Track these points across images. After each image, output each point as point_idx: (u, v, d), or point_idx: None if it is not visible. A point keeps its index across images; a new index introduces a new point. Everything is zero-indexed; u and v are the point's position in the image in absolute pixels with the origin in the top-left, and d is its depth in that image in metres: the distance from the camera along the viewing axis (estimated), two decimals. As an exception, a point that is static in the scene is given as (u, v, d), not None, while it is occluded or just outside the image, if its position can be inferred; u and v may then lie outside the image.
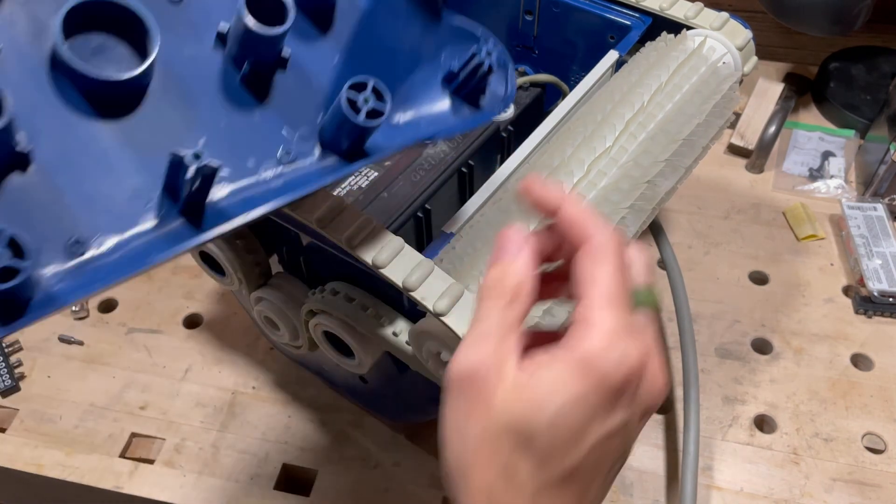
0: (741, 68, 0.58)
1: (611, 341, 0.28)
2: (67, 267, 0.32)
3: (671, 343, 0.68)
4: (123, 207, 0.33)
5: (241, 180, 0.36)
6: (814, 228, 0.76)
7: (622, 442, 0.29)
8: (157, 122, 0.34)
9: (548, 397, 0.27)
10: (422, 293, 0.41)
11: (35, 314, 0.30)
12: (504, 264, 0.31)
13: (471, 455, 0.28)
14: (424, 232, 0.56)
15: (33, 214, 0.31)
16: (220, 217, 0.34)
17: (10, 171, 0.31)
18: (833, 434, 0.62)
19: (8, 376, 0.68)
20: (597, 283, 0.29)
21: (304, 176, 0.37)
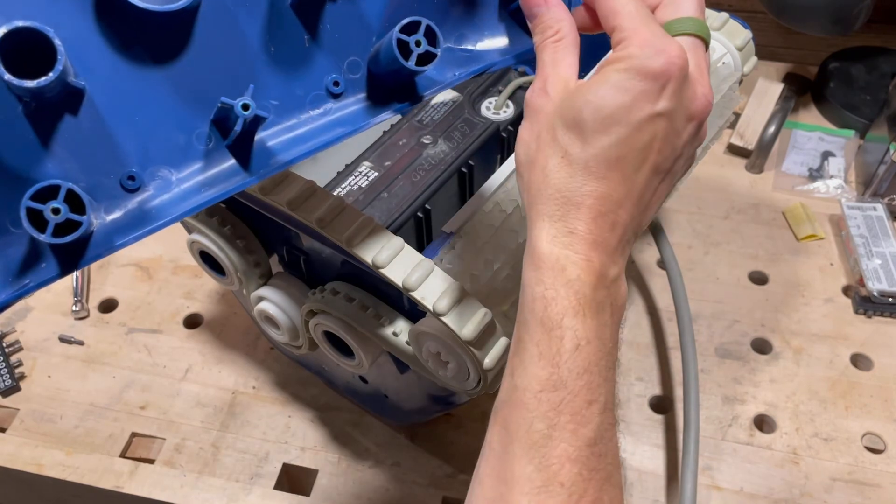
0: (741, 68, 0.58)
1: (648, 42, 0.32)
2: (123, 204, 0.33)
3: (671, 343, 0.68)
4: (173, 140, 0.33)
5: (290, 117, 0.35)
6: (813, 228, 0.76)
7: (668, 132, 0.32)
8: (207, 61, 0.34)
9: (594, 91, 0.32)
10: (422, 293, 0.41)
11: (93, 255, 0.32)
12: (541, 17, 0.35)
13: (535, 144, 0.33)
14: (424, 232, 0.56)
15: (87, 152, 0.32)
16: (269, 156, 0.35)
17: (63, 112, 0.31)
18: (833, 434, 0.62)
19: (8, 376, 0.68)
20: (620, 9, 0.33)
21: (353, 113, 0.37)
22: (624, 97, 0.31)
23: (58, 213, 0.29)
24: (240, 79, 0.35)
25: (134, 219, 0.33)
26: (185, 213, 0.33)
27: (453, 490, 0.60)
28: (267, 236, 0.54)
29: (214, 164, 0.34)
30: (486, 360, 0.42)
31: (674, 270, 0.65)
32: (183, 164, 0.34)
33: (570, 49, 0.35)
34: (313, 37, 0.36)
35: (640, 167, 0.32)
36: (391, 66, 0.35)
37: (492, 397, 0.67)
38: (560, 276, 0.32)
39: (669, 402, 0.65)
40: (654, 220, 0.67)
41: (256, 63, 0.35)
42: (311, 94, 0.36)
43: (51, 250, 0.31)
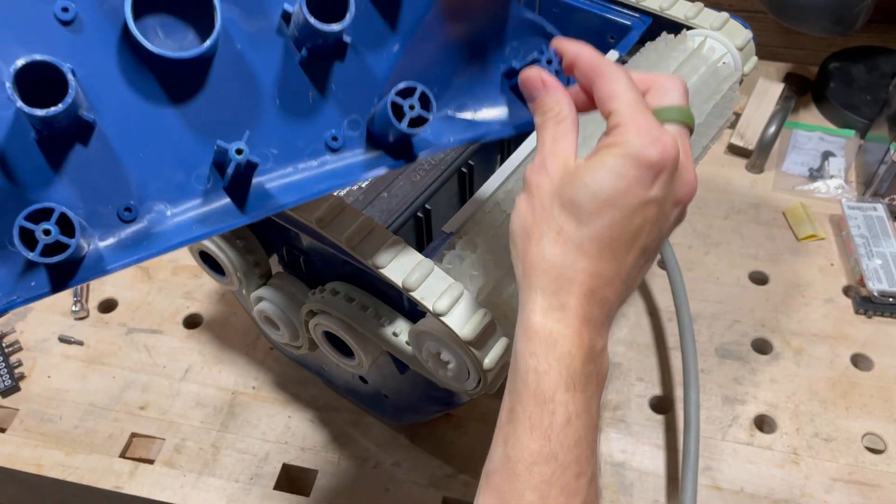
0: (741, 68, 0.58)
1: (644, 130, 0.33)
2: (117, 233, 0.34)
3: (671, 343, 0.68)
4: (174, 181, 0.35)
5: (288, 165, 0.37)
6: (814, 228, 0.76)
7: (657, 217, 0.34)
8: (216, 105, 0.36)
9: (591, 174, 0.33)
10: (422, 293, 0.41)
11: (82, 277, 0.33)
12: (542, 99, 0.37)
13: (531, 218, 0.35)
14: (424, 232, 0.56)
15: (91, 181, 0.34)
16: (264, 199, 0.36)
17: (74, 142, 0.33)
18: (833, 434, 0.62)
19: (8, 376, 0.68)
20: (618, 95, 0.34)
21: (349, 166, 0.38)
22: (620, 182, 0.33)
23: (48, 234, 0.31)
24: (244, 125, 0.36)
25: (125, 247, 0.34)
26: (174, 247, 0.35)
27: (453, 490, 0.60)
28: (267, 236, 0.54)
29: (210, 203, 0.36)
30: (486, 360, 0.42)
31: (674, 270, 0.65)
32: (179, 200, 0.35)
33: (570, 129, 0.36)
34: (319, 93, 0.38)
35: (630, 248, 0.34)
36: (386, 127, 0.37)
37: (492, 398, 0.67)
38: (552, 351, 0.33)
39: (670, 403, 0.65)
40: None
41: (262, 112, 0.37)
42: (310, 147, 0.38)
43: (44, 269, 0.33)
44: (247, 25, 0.36)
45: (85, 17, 0.33)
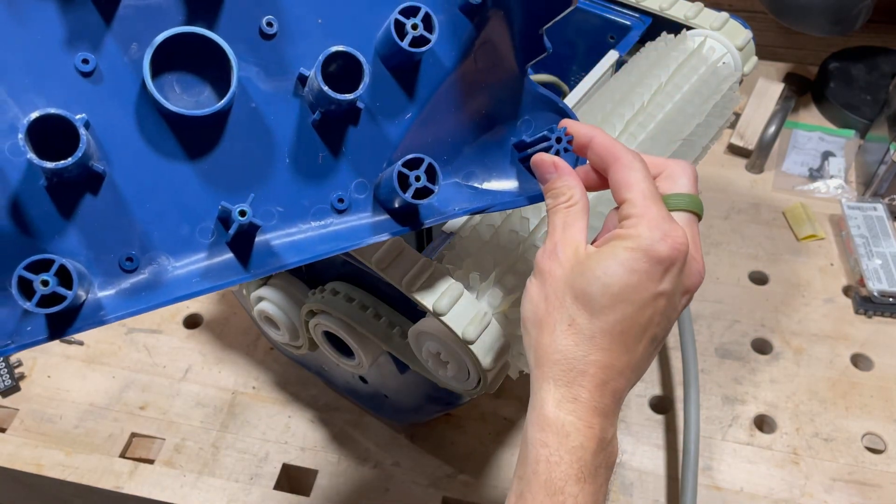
0: (741, 68, 0.58)
1: (656, 224, 0.34)
2: (117, 282, 0.35)
3: (671, 343, 0.68)
4: (178, 234, 0.35)
5: (293, 224, 0.37)
6: (814, 228, 0.76)
7: (667, 308, 0.35)
8: (226, 162, 0.36)
9: (603, 266, 0.34)
10: (422, 293, 0.41)
11: (79, 327, 0.33)
12: (553, 182, 0.38)
13: (543, 306, 0.35)
14: (424, 232, 0.56)
15: (96, 230, 0.34)
16: (268, 257, 0.36)
17: (83, 191, 0.34)
18: (833, 434, 0.62)
19: (8, 376, 0.68)
20: (633, 185, 0.35)
21: (353, 229, 0.38)
22: (631, 277, 0.33)
23: (46, 285, 0.31)
24: (253, 182, 0.37)
25: (124, 297, 0.35)
26: (174, 300, 0.35)
27: (453, 490, 0.60)
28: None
29: (214, 257, 0.36)
30: (486, 360, 0.42)
31: (674, 270, 0.65)
32: (183, 253, 0.36)
33: (581, 214, 0.37)
34: (331, 154, 0.38)
35: (640, 339, 0.34)
36: (391, 194, 0.37)
37: (492, 398, 0.67)
38: (564, 442, 0.34)
39: (670, 403, 0.65)
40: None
41: (273, 169, 0.37)
42: (315, 207, 0.38)
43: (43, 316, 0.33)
44: (263, 85, 0.36)
45: (105, 70, 0.34)
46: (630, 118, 0.51)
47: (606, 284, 0.33)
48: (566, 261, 0.35)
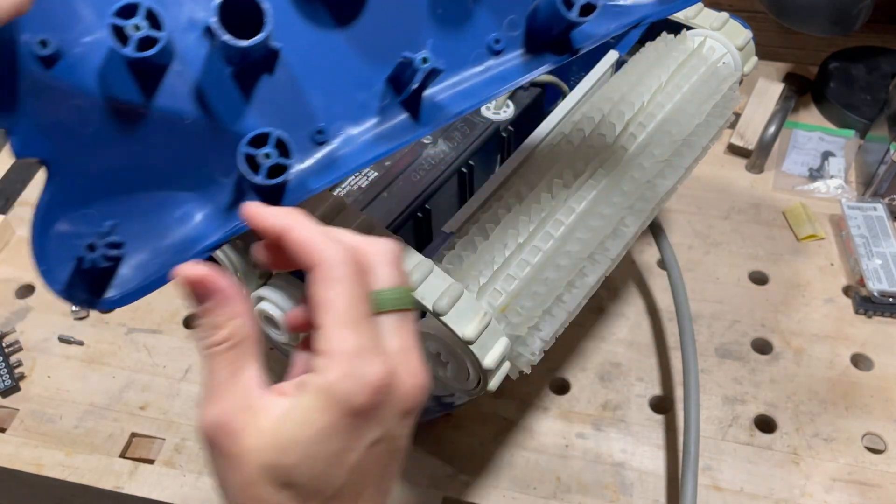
0: (741, 68, 0.58)
1: (350, 367, 0.28)
2: (314, 156, 0.36)
3: (671, 343, 0.68)
4: (354, 98, 0.36)
5: (455, 74, 0.38)
6: (814, 228, 0.76)
7: (386, 448, 0.30)
8: (381, 22, 0.37)
9: (296, 435, 0.28)
10: (422, 293, 0.41)
11: (291, 199, 0.35)
12: (205, 318, 0.30)
13: (240, 501, 0.29)
14: (424, 232, 0.56)
15: (282, 109, 0.35)
16: (437, 110, 0.37)
17: (262, 72, 0.35)
18: (833, 434, 0.62)
19: (8, 376, 0.68)
20: (329, 309, 0.29)
21: (512, 68, 0.38)
22: (334, 444, 0.28)
23: (269, 157, 0.32)
24: (410, 38, 0.37)
25: (322, 167, 0.36)
26: (367, 162, 0.36)
27: (453, 490, 0.60)
28: (267, 236, 0.53)
29: (388, 120, 0.37)
30: (486, 360, 0.42)
31: (674, 270, 0.65)
32: (362, 119, 0.36)
33: (251, 351, 0.30)
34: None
35: (363, 492, 0.30)
36: (552, 20, 0.36)
37: (492, 398, 0.67)
38: None
39: (670, 403, 0.65)
40: (655, 220, 0.67)
41: (424, 23, 0.37)
42: (473, 52, 0.38)
43: (255, 194, 0.34)
44: None
45: None
46: (630, 118, 0.51)
47: (310, 465, 0.28)
48: (249, 436, 0.28)
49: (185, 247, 0.35)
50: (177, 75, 0.33)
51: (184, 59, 0.33)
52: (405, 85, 0.36)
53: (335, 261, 0.29)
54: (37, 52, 0.31)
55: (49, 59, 0.32)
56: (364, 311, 0.29)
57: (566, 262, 0.46)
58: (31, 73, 0.32)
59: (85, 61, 0.32)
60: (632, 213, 0.49)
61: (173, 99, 0.33)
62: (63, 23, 0.32)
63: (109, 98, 0.33)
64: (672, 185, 0.52)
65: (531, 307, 0.44)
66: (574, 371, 0.67)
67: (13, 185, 0.83)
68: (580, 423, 0.63)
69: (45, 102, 0.32)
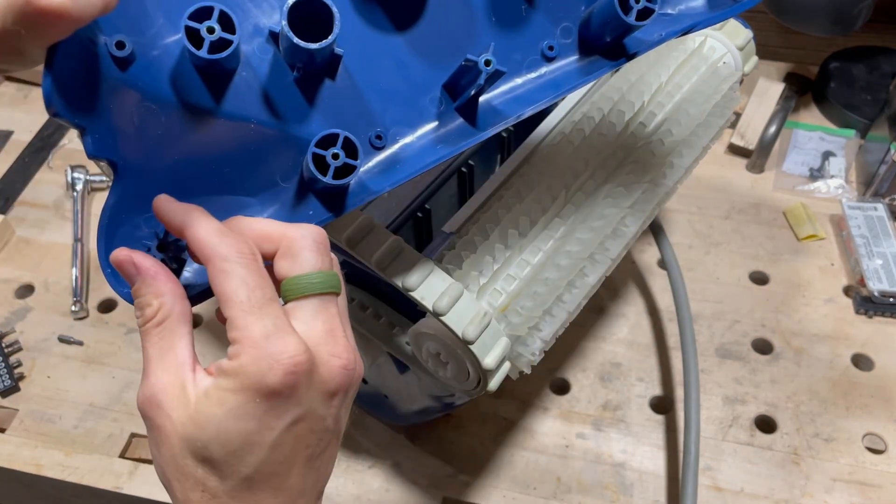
0: (741, 68, 0.57)
1: (258, 350, 0.29)
2: (373, 160, 0.36)
3: (671, 343, 0.68)
4: (412, 104, 0.37)
5: (511, 80, 0.38)
6: (814, 228, 0.76)
7: (309, 427, 0.31)
8: (438, 28, 0.37)
9: (213, 412, 0.29)
10: (422, 293, 0.41)
11: (354, 202, 0.36)
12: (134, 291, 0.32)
13: (168, 473, 0.30)
14: (424, 232, 0.56)
15: (342, 114, 0.36)
16: (493, 115, 0.38)
17: (324, 77, 0.36)
18: (833, 434, 0.62)
19: (7, 376, 0.68)
20: (230, 299, 0.30)
21: (565, 74, 0.39)
22: (249, 424, 0.29)
23: (337, 157, 0.33)
24: (468, 43, 0.38)
25: (383, 170, 0.36)
26: (426, 166, 0.37)
27: (453, 490, 0.60)
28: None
29: (445, 125, 0.37)
30: (486, 360, 0.42)
31: (674, 270, 0.65)
32: (419, 124, 0.37)
33: (178, 329, 0.31)
34: (530, 4, 0.38)
35: (290, 470, 0.31)
36: (606, 25, 0.37)
37: (492, 398, 0.67)
38: None
39: (670, 403, 0.65)
40: (655, 220, 0.67)
41: (480, 30, 0.38)
42: (528, 59, 0.39)
43: (314, 199, 0.35)
44: None
45: None
46: (630, 118, 0.51)
47: (225, 442, 0.29)
48: (173, 410, 0.29)
49: None
50: (243, 80, 0.34)
51: (250, 65, 0.34)
52: (464, 89, 0.36)
53: (226, 254, 0.30)
54: (113, 53, 0.32)
55: (124, 61, 0.32)
56: (266, 297, 0.30)
57: (566, 262, 0.46)
58: (108, 74, 0.32)
59: (158, 64, 0.33)
60: (632, 213, 0.49)
61: (240, 103, 0.34)
62: (138, 25, 0.32)
63: (180, 101, 0.33)
64: (672, 184, 0.52)
65: (531, 307, 0.44)
66: (574, 371, 0.67)
67: (13, 186, 0.83)
68: (580, 424, 0.63)
69: (119, 103, 0.33)
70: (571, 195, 0.48)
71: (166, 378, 0.30)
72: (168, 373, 0.31)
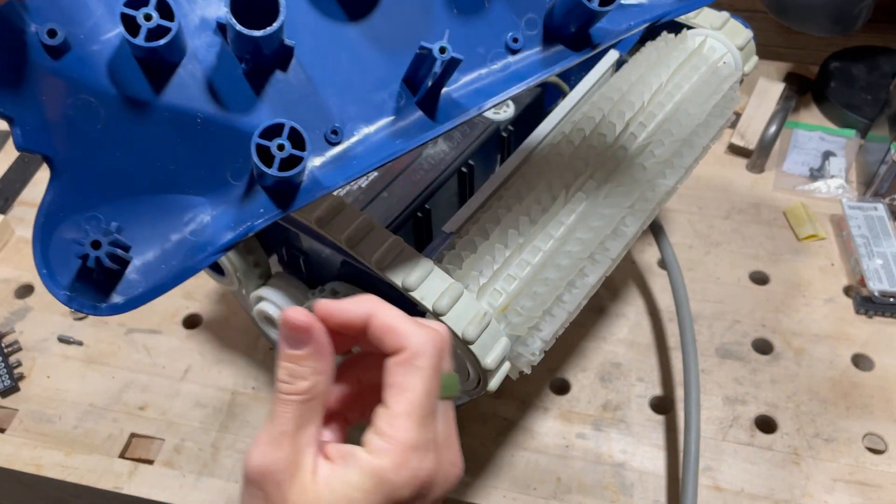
0: (741, 68, 0.57)
1: (405, 459, 0.29)
2: (327, 155, 0.35)
3: (671, 343, 0.68)
4: (369, 99, 0.36)
5: (472, 72, 0.37)
6: (814, 228, 0.76)
7: None
8: (395, 19, 0.36)
9: None
10: (422, 293, 0.41)
11: (305, 198, 0.34)
12: (294, 364, 0.31)
13: None
14: (424, 232, 0.56)
15: (295, 108, 0.35)
16: (454, 108, 0.36)
17: (275, 69, 0.34)
18: (834, 434, 0.62)
19: (7, 376, 0.68)
20: (403, 394, 0.29)
21: (530, 65, 0.38)
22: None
23: (282, 149, 0.32)
24: (427, 32, 0.37)
25: (337, 166, 0.35)
26: (383, 160, 0.35)
27: (453, 490, 0.60)
28: (266, 236, 0.53)
29: (404, 119, 0.36)
30: (487, 360, 0.42)
31: (674, 270, 0.65)
32: (377, 118, 0.36)
33: (319, 410, 0.31)
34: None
35: None
36: (571, 14, 0.36)
37: (492, 398, 0.67)
38: None
39: (670, 403, 0.65)
40: (655, 220, 0.67)
41: (440, 21, 0.37)
42: (492, 52, 0.38)
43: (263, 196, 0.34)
44: None
45: None
46: (630, 118, 0.51)
47: None
48: (291, 492, 0.29)
49: (193, 251, 0.35)
50: (188, 73, 0.33)
51: (196, 58, 0.33)
52: (422, 80, 0.35)
53: (423, 349, 0.30)
54: (45, 41, 0.31)
55: (57, 50, 0.31)
56: (433, 406, 0.30)
57: (566, 262, 0.46)
58: (39, 63, 0.31)
59: (95, 55, 0.32)
60: (632, 213, 0.49)
61: (184, 97, 0.33)
62: (74, 15, 0.32)
63: (120, 93, 0.32)
64: (672, 184, 0.52)
65: (531, 307, 0.44)
66: (574, 371, 0.67)
67: (12, 185, 0.83)
68: (580, 424, 0.63)
69: (52, 95, 0.32)
70: (571, 195, 0.48)
71: (291, 455, 0.29)
72: (295, 451, 0.30)
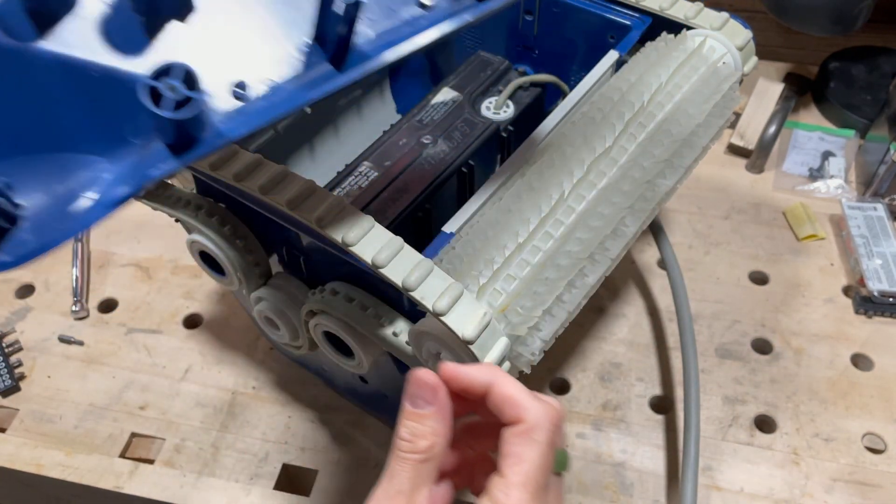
0: (741, 68, 0.58)
1: None
2: (232, 108, 0.34)
3: (671, 343, 0.68)
4: (277, 53, 0.35)
5: (383, 22, 0.37)
6: (814, 228, 0.76)
7: None
8: None
9: None
10: (421, 293, 0.41)
11: (206, 147, 0.32)
12: (416, 423, 0.31)
13: None
14: (424, 232, 0.56)
15: (198, 60, 0.33)
16: (361, 58, 0.36)
17: (172, 19, 0.33)
18: (833, 434, 0.62)
19: (8, 376, 0.68)
20: (519, 464, 0.30)
21: (441, 15, 0.38)
22: None
23: (174, 90, 0.30)
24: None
25: (240, 116, 0.34)
26: (287, 111, 0.35)
27: (453, 490, 0.60)
28: (267, 236, 0.53)
29: (311, 70, 0.36)
30: (486, 359, 0.42)
31: (674, 270, 0.65)
32: (283, 71, 0.35)
33: (434, 471, 0.31)
34: None
35: None
36: None
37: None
38: None
39: (670, 403, 0.65)
40: (655, 220, 0.67)
41: None
42: (403, 8, 0.38)
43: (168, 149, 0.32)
44: None
45: None
46: (630, 118, 0.51)
47: None
48: None
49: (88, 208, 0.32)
50: (80, 20, 0.31)
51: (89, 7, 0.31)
52: (328, 30, 0.35)
53: (541, 423, 0.30)
54: None
55: None
56: (546, 480, 0.30)
57: (566, 262, 0.46)
58: None
59: None
60: (632, 213, 0.49)
61: (75, 44, 0.31)
62: None
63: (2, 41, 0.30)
64: (672, 185, 0.52)
65: (531, 307, 0.44)
66: (574, 371, 0.67)
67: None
68: (580, 424, 0.63)
69: None
70: (571, 195, 0.48)
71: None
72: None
